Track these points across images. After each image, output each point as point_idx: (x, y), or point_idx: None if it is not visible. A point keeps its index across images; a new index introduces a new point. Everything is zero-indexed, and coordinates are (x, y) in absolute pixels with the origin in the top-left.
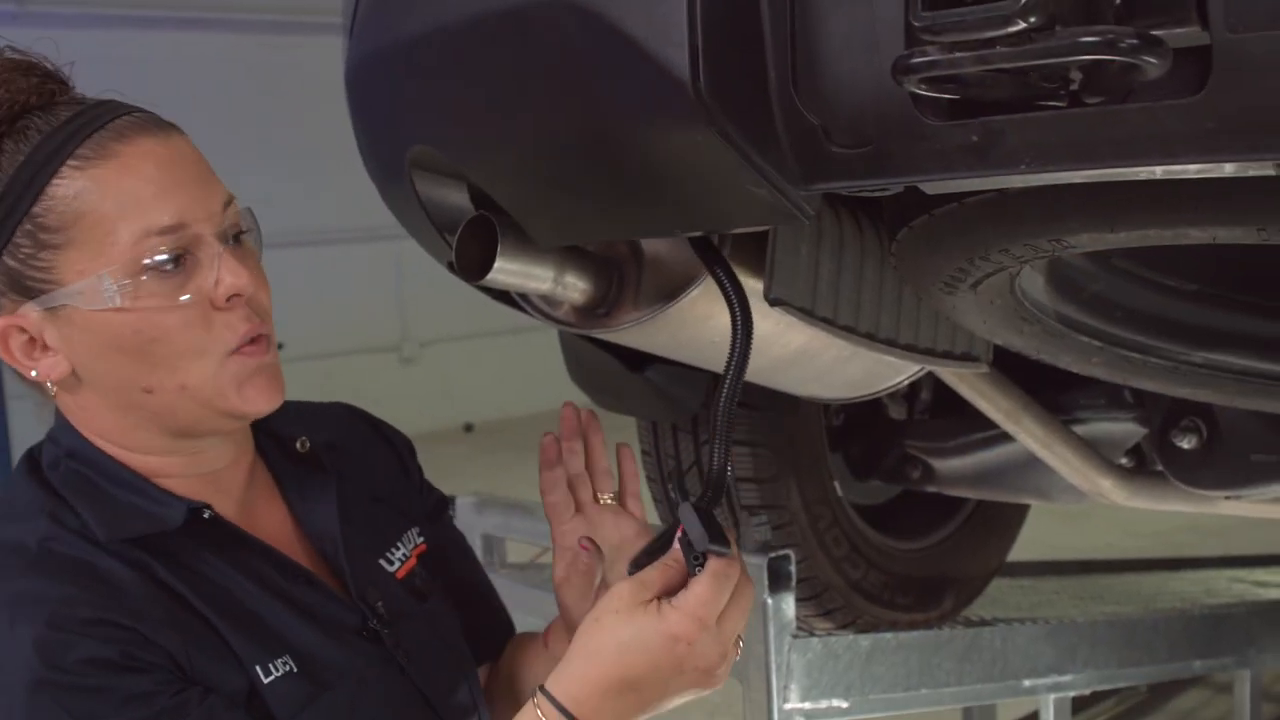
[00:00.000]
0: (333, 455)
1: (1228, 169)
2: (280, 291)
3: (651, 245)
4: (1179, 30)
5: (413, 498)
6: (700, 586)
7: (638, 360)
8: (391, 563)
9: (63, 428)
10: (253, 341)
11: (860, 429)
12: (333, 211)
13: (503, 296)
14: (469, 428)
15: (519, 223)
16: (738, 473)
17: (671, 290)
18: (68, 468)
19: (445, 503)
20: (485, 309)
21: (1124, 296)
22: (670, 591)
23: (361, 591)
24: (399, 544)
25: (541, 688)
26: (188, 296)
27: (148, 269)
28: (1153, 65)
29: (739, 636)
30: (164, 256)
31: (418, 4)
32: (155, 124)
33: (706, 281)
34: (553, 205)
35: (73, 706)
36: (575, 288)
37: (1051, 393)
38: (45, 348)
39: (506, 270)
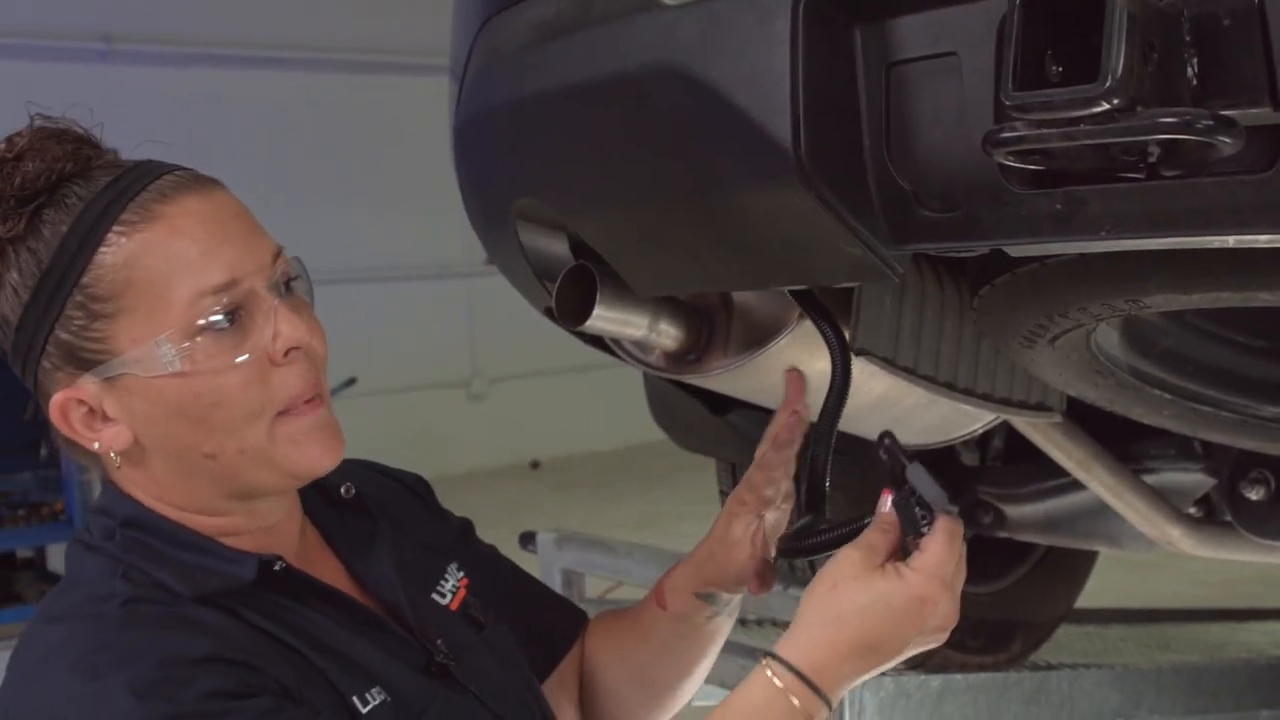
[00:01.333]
0: (375, 504)
1: None
2: (353, 326)
3: (741, 296)
4: (1253, 110)
5: (441, 531)
6: (937, 545)
7: (721, 404)
8: (444, 596)
9: (115, 499)
10: (307, 401)
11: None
12: (407, 248)
13: (596, 341)
14: (535, 464)
15: (618, 273)
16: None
17: (760, 338)
18: (126, 537)
19: (469, 525)
20: (553, 347)
21: (1195, 351)
22: (893, 554)
23: (424, 630)
24: (445, 577)
25: (774, 655)
26: (245, 355)
27: (203, 329)
28: (1226, 144)
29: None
30: (218, 316)
31: (534, 64)
32: (196, 181)
33: (794, 330)
34: (654, 258)
35: None
36: (668, 334)
37: (1122, 442)
38: (106, 418)
39: (604, 317)
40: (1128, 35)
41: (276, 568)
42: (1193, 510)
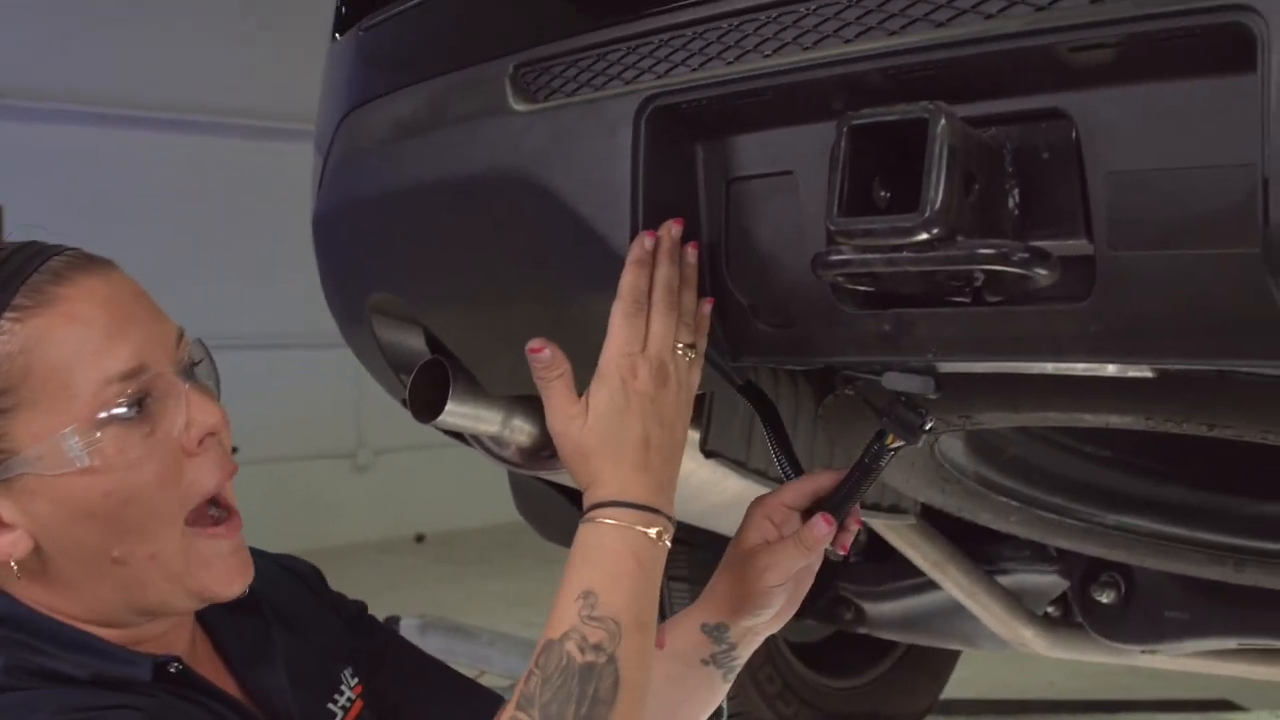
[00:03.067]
0: (267, 604)
1: (1110, 369)
2: (238, 394)
3: None
4: (1069, 242)
5: (333, 624)
6: (611, 332)
7: (582, 497)
8: (336, 710)
9: None
10: (219, 523)
11: None
12: (294, 315)
13: (456, 433)
14: (420, 538)
15: (471, 369)
16: (675, 608)
17: None
18: (5, 635)
19: (363, 609)
20: None
21: (1040, 460)
22: None
23: None
24: (341, 688)
25: (585, 510)
26: (160, 445)
27: (110, 420)
28: (1042, 275)
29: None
30: (123, 407)
31: (389, 160)
32: (90, 261)
33: None
34: (504, 357)
35: None
36: (522, 431)
37: (978, 543)
38: (2, 524)
39: (457, 413)
40: (948, 167)
41: (172, 669)
42: (1050, 610)
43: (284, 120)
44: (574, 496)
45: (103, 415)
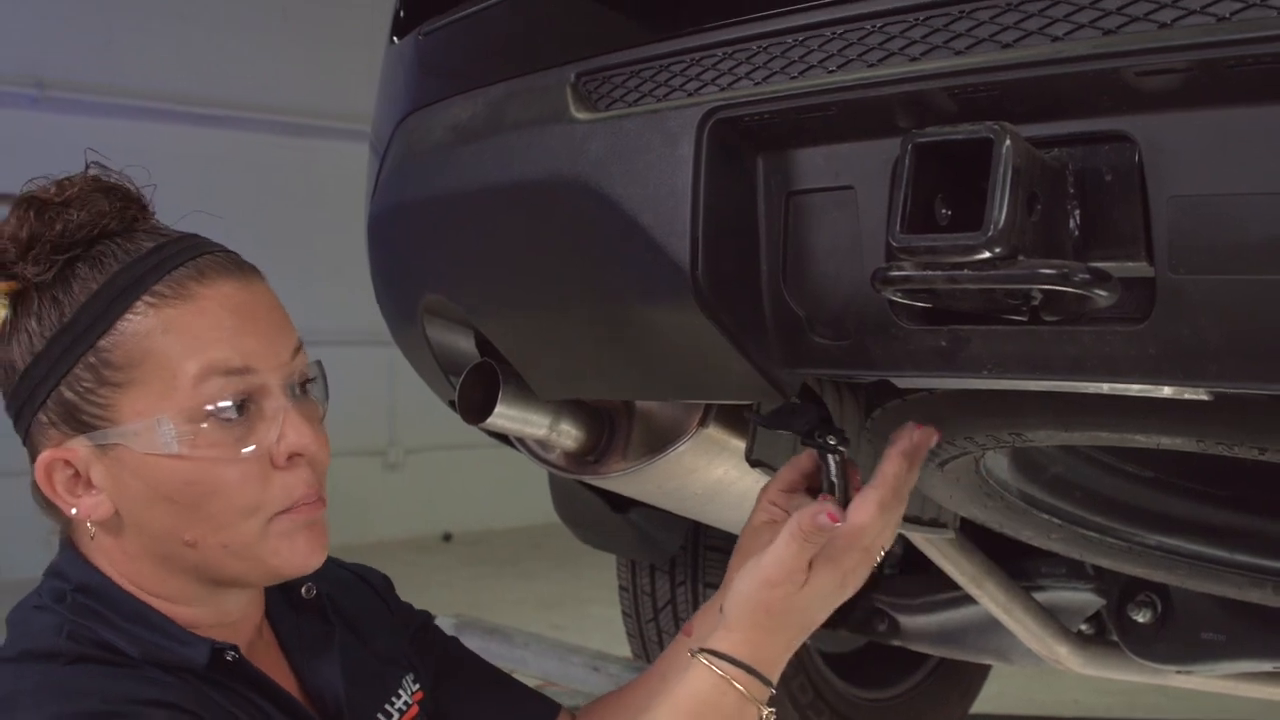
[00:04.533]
0: (334, 606)
1: (1166, 391)
2: None
3: (644, 403)
4: (1130, 264)
5: (398, 632)
6: (863, 516)
7: (623, 503)
8: (391, 716)
9: (73, 564)
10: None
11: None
12: (331, 313)
13: (500, 435)
14: (448, 537)
15: (522, 373)
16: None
17: (660, 444)
18: (77, 601)
19: (429, 619)
20: None
21: (1084, 479)
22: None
23: None
24: (399, 693)
25: (716, 652)
26: (250, 448)
27: (209, 415)
28: (1102, 296)
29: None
30: (227, 403)
31: (447, 164)
32: (237, 267)
33: (693, 437)
34: (555, 362)
35: None
36: (569, 435)
37: (1015, 559)
38: (90, 485)
39: (506, 415)
40: (1012, 187)
41: (229, 657)
42: (1084, 628)
43: (321, 118)
44: (613, 501)
45: (205, 409)
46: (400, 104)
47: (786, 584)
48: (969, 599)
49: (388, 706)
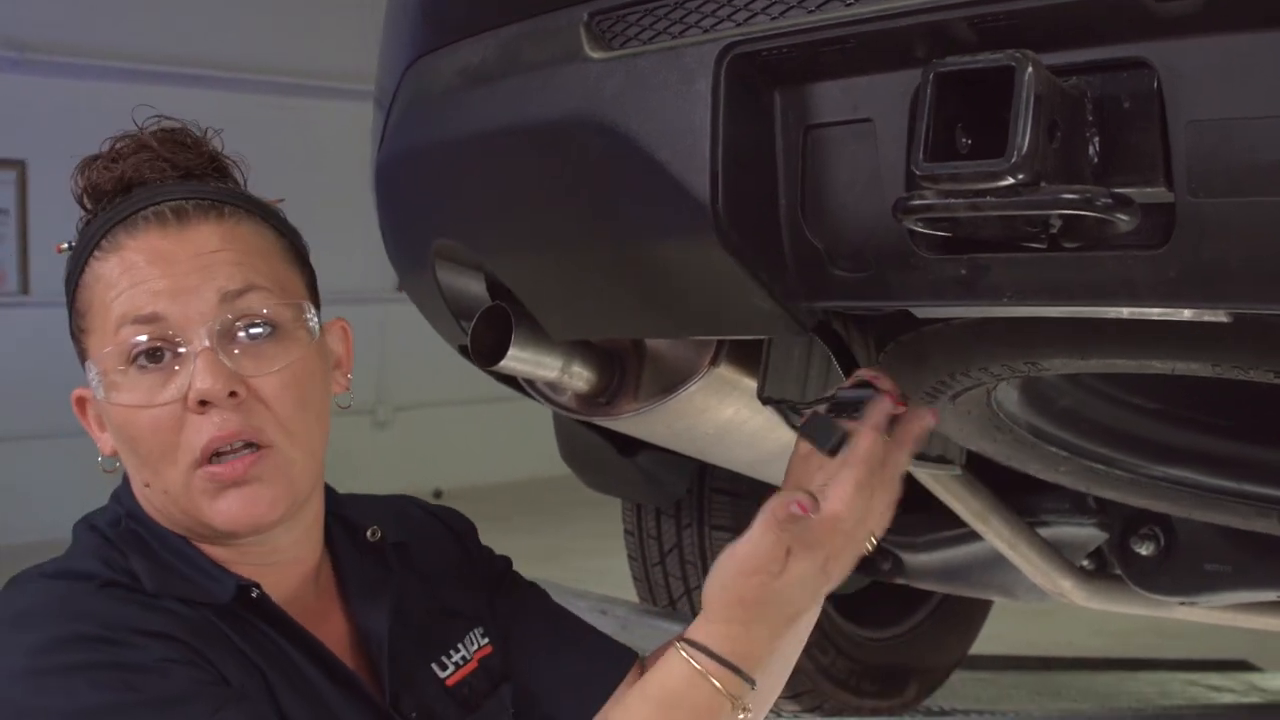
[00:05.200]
0: (402, 553)
1: (1186, 314)
2: None
3: (654, 342)
4: (1148, 189)
5: (475, 583)
6: (843, 493)
7: (629, 446)
8: (445, 668)
9: (126, 491)
10: (221, 457)
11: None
12: (320, 271)
13: (509, 379)
14: (438, 494)
15: (535, 315)
16: (717, 557)
17: (671, 384)
18: (127, 526)
19: (508, 565)
20: (459, 377)
21: (1091, 411)
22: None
23: (395, 699)
24: (458, 647)
25: (691, 640)
26: (167, 397)
27: (130, 363)
28: (1124, 221)
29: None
30: (140, 348)
31: (459, 108)
32: (176, 217)
33: (704, 377)
34: (571, 304)
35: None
36: (581, 377)
37: (1019, 495)
38: (100, 422)
39: (519, 358)
40: (1034, 114)
41: (253, 594)
42: (1085, 563)
43: (308, 77)
44: (621, 445)
45: (123, 355)
46: (407, 50)
47: (762, 573)
48: (974, 535)
49: (444, 658)
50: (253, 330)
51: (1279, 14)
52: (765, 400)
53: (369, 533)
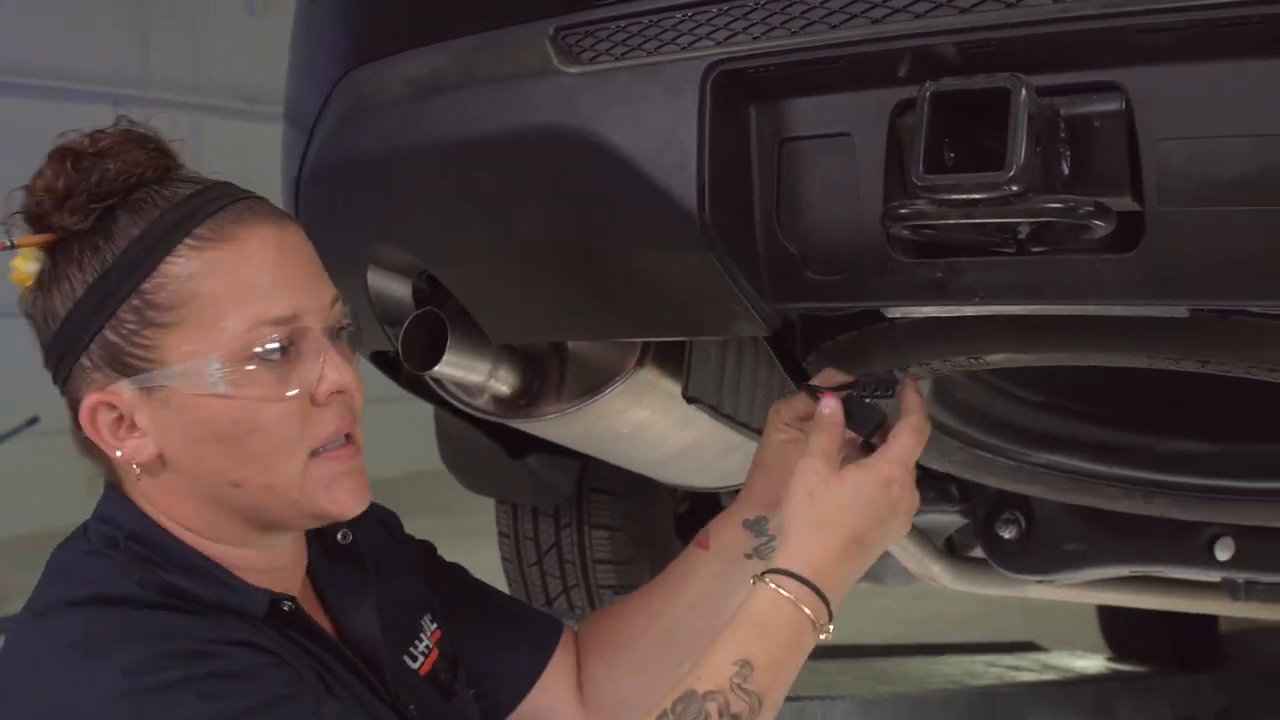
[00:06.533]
0: (362, 551)
1: (1149, 310)
2: None
3: (576, 345)
4: (1115, 199)
5: (412, 570)
6: (906, 438)
7: (520, 448)
8: (415, 659)
9: (121, 509)
10: (343, 444)
11: (702, 516)
12: None
13: (414, 384)
14: None
15: (479, 320)
16: (596, 555)
17: (594, 386)
18: (131, 549)
19: (433, 549)
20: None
21: (983, 404)
22: (844, 451)
23: (397, 696)
24: (420, 636)
25: (775, 569)
26: (294, 391)
27: (255, 358)
28: (1101, 228)
29: None
30: (274, 346)
31: (412, 118)
32: (274, 212)
33: (629, 379)
34: (525, 308)
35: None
36: (505, 380)
37: None
38: (134, 428)
39: (452, 363)
40: (1028, 130)
41: (285, 607)
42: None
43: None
44: (512, 447)
45: (252, 351)
46: (336, 61)
47: (823, 488)
48: None
49: (411, 649)
50: (343, 332)
51: (1247, 46)
52: (689, 399)
53: (339, 535)
